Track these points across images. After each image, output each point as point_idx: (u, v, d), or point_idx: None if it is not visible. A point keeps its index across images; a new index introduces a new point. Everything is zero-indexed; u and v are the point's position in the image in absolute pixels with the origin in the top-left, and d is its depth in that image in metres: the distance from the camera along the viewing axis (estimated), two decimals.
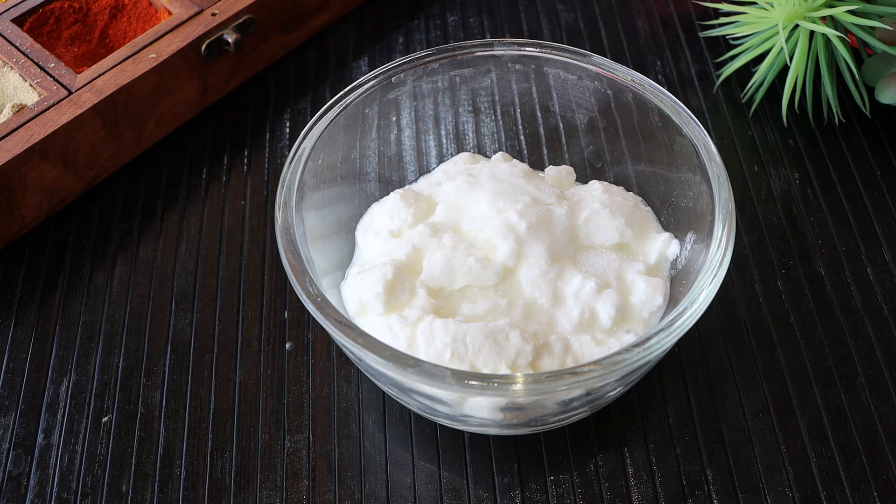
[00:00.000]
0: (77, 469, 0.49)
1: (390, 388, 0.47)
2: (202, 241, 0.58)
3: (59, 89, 0.57)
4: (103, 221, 0.59)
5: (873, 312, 0.54)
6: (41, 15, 0.62)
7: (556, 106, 0.55)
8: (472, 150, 0.58)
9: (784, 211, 0.58)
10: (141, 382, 0.52)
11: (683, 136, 0.49)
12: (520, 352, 0.45)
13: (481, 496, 0.48)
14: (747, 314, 0.54)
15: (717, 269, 0.44)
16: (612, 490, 0.48)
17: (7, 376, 0.52)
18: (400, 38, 0.69)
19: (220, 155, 0.62)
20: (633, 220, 0.51)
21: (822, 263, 0.56)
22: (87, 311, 0.55)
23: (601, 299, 0.47)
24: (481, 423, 0.47)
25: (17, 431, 0.50)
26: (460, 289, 0.48)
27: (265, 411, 0.51)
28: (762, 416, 0.50)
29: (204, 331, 0.54)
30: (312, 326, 0.54)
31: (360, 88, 0.51)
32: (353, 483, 0.48)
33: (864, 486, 0.48)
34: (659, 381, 0.52)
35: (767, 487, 0.48)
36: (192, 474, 0.49)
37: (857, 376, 0.51)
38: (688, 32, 0.69)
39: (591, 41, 0.68)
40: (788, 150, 0.61)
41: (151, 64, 0.59)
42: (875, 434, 0.49)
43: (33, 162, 0.55)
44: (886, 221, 0.58)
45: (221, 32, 0.61)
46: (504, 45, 0.53)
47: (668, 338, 0.42)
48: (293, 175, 0.48)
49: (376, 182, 0.55)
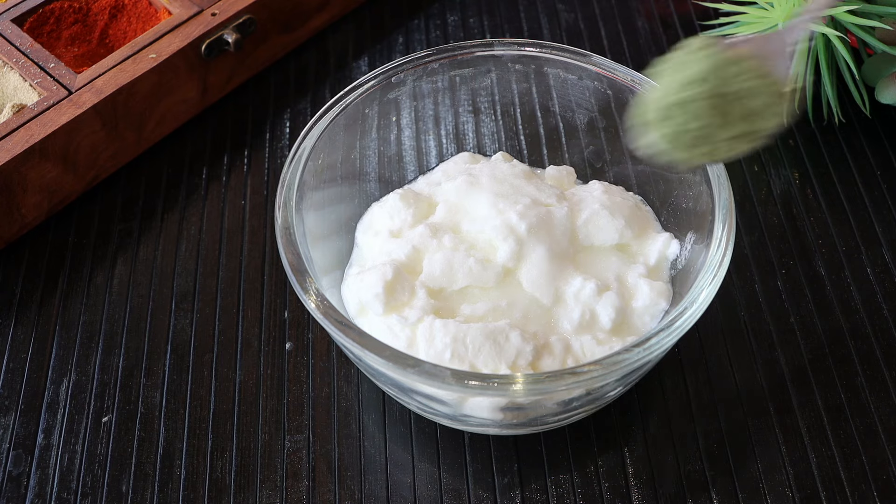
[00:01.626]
0: (77, 469, 0.49)
1: (390, 388, 0.47)
2: (202, 241, 0.58)
3: (59, 89, 0.57)
4: (103, 221, 0.59)
5: (873, 312, 0.54)
6: (41, 15, 0.62)
7: (556, 106, 0.55)
8: (472, 150, 0.58)
9: (784, 211, 0.58)
10: (141, 382, 0.52)
11: None
12: (520, 352, 0.45)
13: (481, 496, 0.48)
14: (747, 314, 0.54)
15: (717, 269, 0.44)
16: (612, 490, 0.48)
17: (7, 376, 0.52)
18: (400, 38, 0.69)
19: (220, 155, 0.62)
20: (633, 221, 0.51)
21: (822, 263, 0.56)
22: (87, 311, 0.55)
23: (601, 301, 0.47)
24: (481, 423, 0.47)
25: (17, 431, 0.50)
26: (460, 289, 0.48)
27: (265, 411, 0.51)
28: (762, 416, 0.50)
29: (204, 331, 0.54)
30: (312, 326, 0.54)
31: (360, 88, 0.51)
32: (353, 483, 0.48)
33: (864, 486, 0.48)
34: (659, 381, 0.52)
35: (767, 487, 0.48)
36: (192, 474, 0.49)
37: (857, 376, 0.51)
38: (688, 32, 0.69)
39: (591, 41, 0.68)
40: (788, 150, 0.61)
41: (151, 64, 0.59)
42: (875, 434, 0.49)
43: (33, 162, 0.55)
44: (886, 221, 0.58)
45: (221, 32, 0.61)
46: (504, 45, 0.53)
47: (668, 338, 0.42)
48: (293, 175, 0.48)
49: (376, 182, 0.55)
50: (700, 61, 0.42)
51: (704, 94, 0.41)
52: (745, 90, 0.41)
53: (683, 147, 0.42)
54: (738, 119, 0.42)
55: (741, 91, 0.41)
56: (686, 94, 0.41)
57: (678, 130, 0.42)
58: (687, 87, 0.41)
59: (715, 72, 0.41)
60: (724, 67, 0.42)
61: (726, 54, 0.42)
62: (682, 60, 0.43)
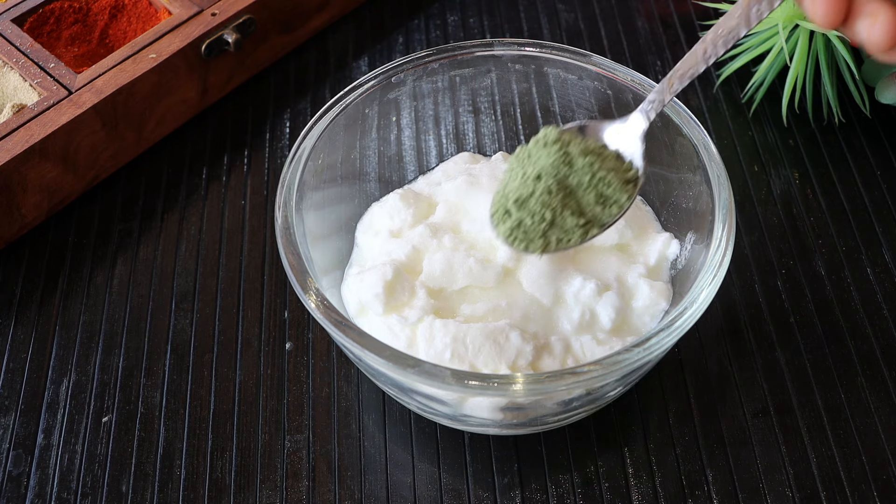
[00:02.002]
0: (77, 469, 0.49)
1: (390, 388, 0.47)
2: (202, 241, 0.58)
3: (59, 89, 0.57)
4: (103, 221, 0.59)
5: (873, 312, 0.54)
6: (41, 15, 0.62)
7: (556, 106, 0.55)
8: (472, 150, 0.58)
9: (784, 211, 0.58)
10: (141, 382, 0.52)
11: (683, 136, 0.49)
12: (520, 352, 0.45)
13: (481, 496, 0.48)
14: (747, 314, 0.54)
15: (717, 269, 0.44)
16: (612, 490, 0.48)
17: (7, 376, 0.52)
18: (400, 38, 0.69)
19: (220, 155, 0.62)
20: (633, 221, 0.51)
21: (821, 263, 0.56)
22: (87, 311, 0.55)
23: (601, 301, 0.47)
24: (481, 423, 0.47)
25: (17, 431, 0.50)
26: (460, 289, 0.48)
27: (265, 411, 0.51)
28: (762, 416, 0.50)
29: (204, 331, 0.54)
30: (312, 326, 0.54)
31: (360, 88, 0.51)
32: (353, 483, 0.48)
33: (864, 486, 0.48)
34: (659, 381, 0.52)
35: (767, 487, 0.48)
36: (192, 474, 0.49)
37: (857, 376, 0.51)
38: (688, 32, 0.69)
39: (591, 41, 0.69)
40: (788, 150, 0.61)
41: (151, 64, 0.59)
42: (875, 434, 0.49)
43: (33, 162, 0.55)
44: (886, 221, 0.58)
45: (221, 32, 0.61)
46: (504, 45, 0.53)
47: (668, 338, 0.42)
48: (293, 175, 0.48)
49: (376, 182, 0.55)
50: (546, 157, 0.44)
51: (548, 189, 0.43)
52: (596, 179, 0.44)
53: (534, 237, 0.44)
54: (589, 206, 0.44)
55: (592, 180, 0.44)
56: (529, 189, 0.44)
57: (526, 223, 0.44)
58: (530, 183, 0.44)
59: (560, 166, 0.44)
60: (575, 159, 0.44)
61: (575, 147, 0.44)
62: (530, 153, 0.45)
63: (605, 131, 0.46)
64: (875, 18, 0.37)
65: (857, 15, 0.37)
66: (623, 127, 0.45)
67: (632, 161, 0.45)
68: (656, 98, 0.44)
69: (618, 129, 0.45)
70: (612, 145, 0.45)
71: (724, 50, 0.41)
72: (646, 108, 0.44)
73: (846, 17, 0.37)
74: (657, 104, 0.44)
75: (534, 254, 0.44)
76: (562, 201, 0.43)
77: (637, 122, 0.45)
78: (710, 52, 0.41)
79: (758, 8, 0.39)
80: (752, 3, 0.40)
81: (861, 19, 0.37)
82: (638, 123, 0.45)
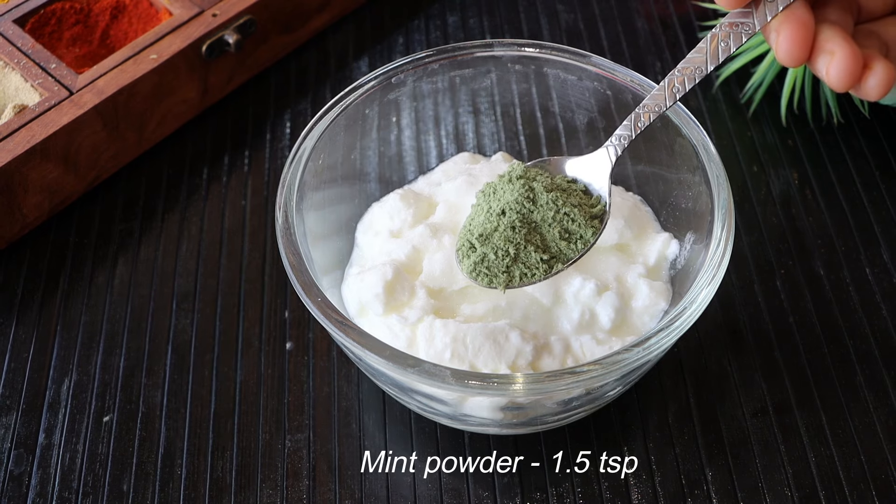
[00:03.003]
0: (78, 468, 0.49)
1: (390, 387, 0.47)
2: (203, 242, 0.58)
3: (61, 90, 0.57)
4: (104, 221, 0.59)
5: (872, 312, 0.54)
6: (42, 16, 0.62)
7: (555, 106, 0.55)
8: (472, 150, 0.58)
9: (783, 211, 0.58)
10: (142, 382, 0.52)
11: (683, 136, 0.49)
12: (520, 352, 0.45)
13: (481, 496, 0.48)
14: (747, 314, 0.54)
15: (717, 269, 0.44)
16: (612, 490, 0.48)
17: (8, 376, 0.53)
18: (400, 38, 0.69)
19: (220, 155, 0.62)
20: (633, 221, 0.51)
21: (821, 263, 0.56)
22: (89, 310, 0.55)
23: (601, 301, 0.47)
24: (481, 423, 0.47)
25: (19, 431, 0.51)
26: (460, 289, 0.48)
27: (266, 411, 0.51)
28: (761, 415, 0.50)
29: (205, 331, 0.54)
30: (313, 326, 0.54)
31: (360, 89, 0.51)
32: (353, 483, 0.49)
33: (862, 485, 0.48)
34: (659, 381, 0.52)
35: (766, 487, 0.48)
36: (193, 474, 0.49)
37: (856, 376, 0.52)
38: (687, 33, 0.69)
39: (591, 42, 0.69)
40: (787, 150, 0.62)
41: (152, 64, 0.59)
42: (874, 433, 0.50)
43: (34, 162, 0.55)
44: (885, 221, 0.58)
45: (222, 33, 0.62)
46: (504, 45, 0.53)
47: (668, 338, 0.42)
48: (293, 175, 0.48)
49: (376, 182, 0.55)
50: (510, 192, 0.45)
51: (511, 224, 0.44)
52: (560, 215, 0.45)
53: (497, 272, 0.45)
54: (554, 241, 0.45)
55: (557, 216, 0.45)
56: (493, 225, 0.45)
57: (490, 258, 0.45)
58: (494, 218, 0.45)
59: (524, 202, 0.44)
60: (539, 195, 0.45)
61: (540, 183, 0.45)
62: (495, 189, 0.46)
63: (573, 166, 0.47)
64: (832, 56, 0.37)
65: (818, 51, 0.37)
66: (591, 162, 0.46)
67: (600, 196, 0.46)
68: (624, 133, 0.45)
69: (585, 164, 0.46)
70: (581, 179, 0.46)
71: (691, 86, 0.42)
72: (614, 142, 0.45)
73: (810, 55, 0.37)
74: (625, 139, 0.45)
75: (497, 288, 0.45)
76: (525, 237, 0.44)
77: (604, 158, 0.46)
78: (677, 88, 0.42)
79: (726, 44, 0.40)
80: (720, 40, 0.40)
81: (821, 56, 0.37)
82: (605, 159, 0.46)
